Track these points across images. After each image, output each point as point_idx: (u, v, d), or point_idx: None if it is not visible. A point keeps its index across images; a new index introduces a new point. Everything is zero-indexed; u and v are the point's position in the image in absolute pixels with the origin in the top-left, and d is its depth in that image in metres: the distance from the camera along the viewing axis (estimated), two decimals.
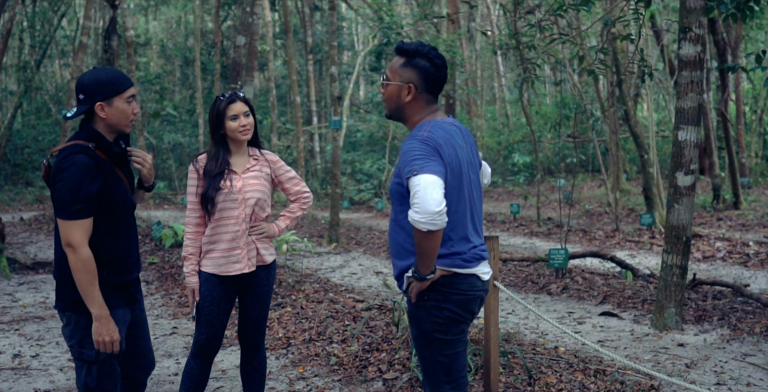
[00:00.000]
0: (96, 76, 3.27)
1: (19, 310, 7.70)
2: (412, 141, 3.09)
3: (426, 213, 2.88)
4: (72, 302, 3.27)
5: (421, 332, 3.19)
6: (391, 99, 3.28)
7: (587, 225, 14.28)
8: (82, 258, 3.15)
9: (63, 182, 3.13)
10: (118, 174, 3.34)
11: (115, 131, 3.35)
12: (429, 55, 3.20)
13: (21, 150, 26.10)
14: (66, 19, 30.42)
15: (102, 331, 3.20)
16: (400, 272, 3.24)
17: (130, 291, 3.44)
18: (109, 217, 3.29)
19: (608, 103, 13.98)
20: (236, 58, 11.55)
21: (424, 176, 2.93)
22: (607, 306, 7.43)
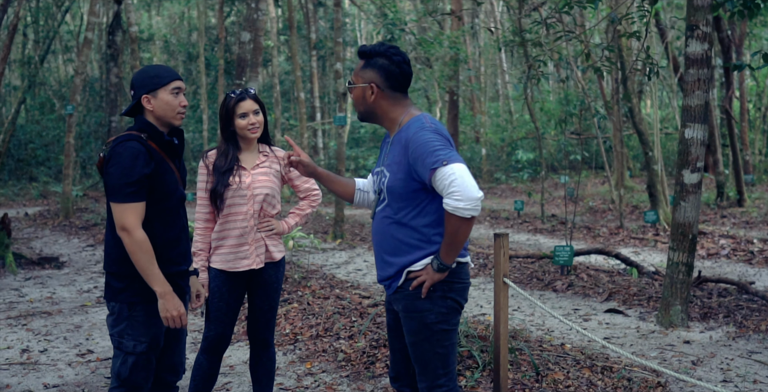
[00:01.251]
0: (143, 72, 3.39)
1: (26, 305, 7.73)
2: (423, 132, 3.11)
3: (470, 200, 2.96)
4: (117, 291, 3.33)
5: (424, 325, 3.19)
6: (358, 101, 3.33)
7: (591, 222, 14.29)
8: (137, 240, 3.20)
9: (115, 167, 3.22)
10: (168, 164, 3.40)
11: (165, 124, 3.41)
12: (387, 54, 3.25)
13: (25, 145, 26.11)
14: (70, 14, 30.41)
15: (168, 306, 3.26)
16: (399, 269, 3.24)
17: (178, 283, 3.46)
18: (158, 206, 3.34)
19: (612, 100, 13.98)
20: (241, 54, 11.55)
21: (455, 165, 2.99)
22: (613, 303, 7.44)
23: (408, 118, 3.26)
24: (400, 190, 3.19)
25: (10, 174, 25.23)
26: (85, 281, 9.08)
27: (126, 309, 3.32)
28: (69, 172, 15.12)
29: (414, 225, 3.19)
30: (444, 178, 2.99)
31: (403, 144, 3.17)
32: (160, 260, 3.33)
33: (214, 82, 26.67)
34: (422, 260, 3.19)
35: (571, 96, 21.56)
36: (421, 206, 3.18)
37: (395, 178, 3.19)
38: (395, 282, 3.26)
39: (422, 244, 3.19)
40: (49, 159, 25.55)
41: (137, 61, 18.74)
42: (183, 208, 3.53)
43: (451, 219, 3.03)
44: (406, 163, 3.14)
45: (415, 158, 3.08)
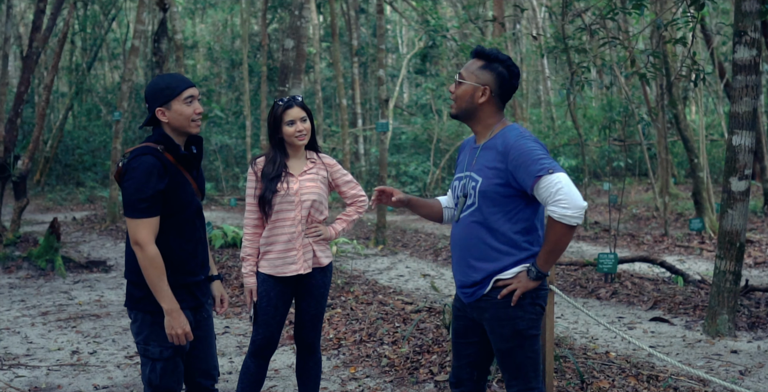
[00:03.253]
0: (153, 84, 3.40)
1: (75, 308, 7.88)
2: (525, 141, 3.17)
3: (576, 208, 3.03)
4: (137, 300, 3.39)
5: (516, 331, 3.22)
6: (463, 98, 3.33)
7: (635, 230, 14.15)
8: (149, 256, 3.25)
9: (130, 182, 3.26)
10: (185, 176, 3.44)
11: (182, 133, 3.44)
12: (506, 63, 3.30)
13: (72, 151, 26.58)
14: (116, 22, 30.92)
15: (174, 324, 3.30)
16: (486, 276, 3.25)
17: (195, 294, 3.50)
18: (174, 218, 3.38)
19: (657, 107, 13.84)
20: (284, 61, 11.66)
21: (561, 174, 3.06)
22: (658, 312, 7.38)
23: (501, 127, 3.31)
24: (493, 195, 3.22)
25: (57, 179, 25.70)
26: None
27: (148, 316, 3.38)
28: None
29: (504, 231, 3.22)
30: (550, 186, 3.05)
31: (499, 150, 3.21)
32: (178, 271, 3.39)
33: (256, 89, 26.88)
34: (511, 268, 3.21)
35: (614, 102, 21.38)
36: (513, 212, 3.21)
37: (489, 182, 3.22)
38: (481, 290, 3.27)
39: (512, 250, 3.22)
40: (96, 164, 25.96)
41: (182, 68, 18.99)
42: (200, 219, 3.56)
43: (555, 226, 3.09)
44: (504, 169, 3.18)
45: (517, 165, 3.13)
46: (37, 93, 25.12)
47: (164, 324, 3.33)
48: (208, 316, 3.64)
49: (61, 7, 12.96)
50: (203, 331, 3.60)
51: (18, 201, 11.85)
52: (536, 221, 3.25)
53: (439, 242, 12.45)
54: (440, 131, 22.50)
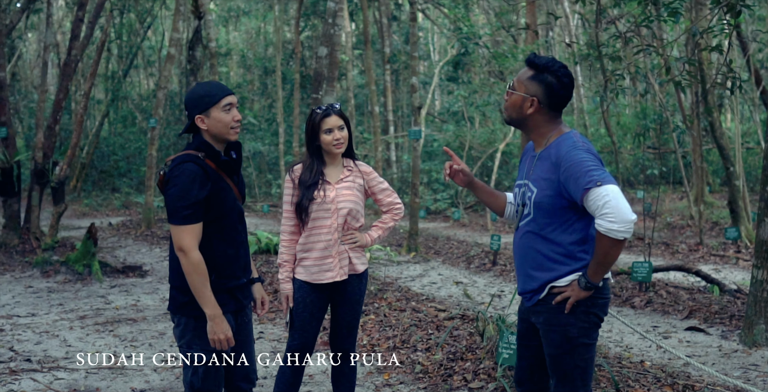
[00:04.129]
0: (192, 92, 3.47)
1: (112, 312, 7.99)
2: (576, 152, 3.14)
3: (623, 222, 3.01)
4: (181, 305, 3.45)
5: (567, 338, 3.23)
6: (513, 108, 3.35)
7: (669, 239, 14.04)
8: (193, 262, 3.31)
9: (174, 189, 3.32)
10: (226, 182, 3.49)
11: (221, 140, 3.50)
12: (558, 73, 3.25)
13: (108, 157, 26.95)
14: (151, 30, 31.31)
15: (216, 329, 3.35)
16: (542, 284, 3.28)
17: (237, 297, 3.55)
18: (217, 223, 3.44)
19: (692, 114, 13.74)
20: (318, 68, 11.73)
21: (610, 186, 3.03)
22: (693, 321, 7.32)
23: (557, 135, 3.29)
24: (547, 207, 3.22)
25: (93, 185, 26.06)
26: (167, 290, 9.32)
27: (192, 321, 3.43)
28: (151, 184, 15.55)
29: (559, 241, 3.23)
30: (598, 199, 3.03)
31: (552, 161, 3.20)
32: (221, 275, 3.44)
33: (289, 96, 27.07)
34: (567, 276, 3.23)
35: (648, 110, 21.24)
36: (568, 223, 3.22)
37: (543, 193, 3.22)
38: (537, 296, 3.31)
39: (567, 260, 3.23)
40: (131, 170, 26.29)
41: (216, 76, 19.16)
42: (242, 223, 3.61)
43: (603, 239, 3.07)
44: (557, 180, 3.17)
45: (567, 177, 3.12)
46: (74, 100, 25.52)
47: (207, 329, 3.38)
48: (248, 320, 3.69)
49: (99, 15, 13.17)
50: (243, 335, 3.66)
51: (56, 206, 12.05)
52: (592, 231, 3.22)
53: (472, 250, 12.45)
54: (472, 138, 22.48)
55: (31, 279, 9.88)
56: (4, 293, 9.00)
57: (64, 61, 12.90)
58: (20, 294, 8.97)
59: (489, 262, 11.16)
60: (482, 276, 10.35)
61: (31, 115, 26.39)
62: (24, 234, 12.16)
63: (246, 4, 33.41)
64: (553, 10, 25.34)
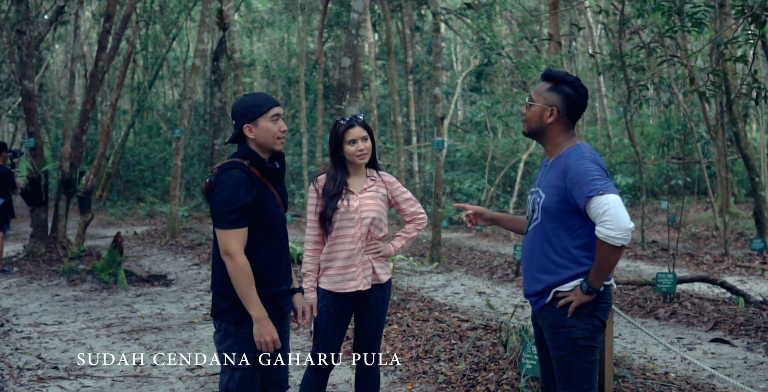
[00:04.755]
0: (241, 102, 3.57)
1: (137, 321, 8.07)
2: (583, 161, 3.34)
3: (621, 230, 3.17)
4: (222, 310, 3.52)
5: (570, 340, 3.38)
6: (534, 118, 3.55)
7: (694, 249, 13.94)
8: (239, 265, 3.39)
9: (220, 194, 3.41)
10: (270, 190, 3.58)
11: (267, 150, 3.59)
12: (574, 84, 3.50)
13: (133, 167, 27.19)
14: (177, 41, 31.61)
15: (263, 332, 3.43)
16: (546, 287, 3.44)
17: (278, 304, 3.61)
18: (260, 230, 3.52)
19: (717, 124, 13.67)
20: (341, 79, 11.82)
21: (611, 195, 3.21)
22: (718, 333, 7.27)
23: (569, 145, 3.49)
24: (554, 211, 3.41)
25: (119, 194, 26.30)
26: (192, 299, 9.41)
27: (232, 326, 3.50)
28: (175, 193, 15.67)
29: (564, 245, 3.40)
30: (598, 207, 3.20)
31: (561, 169, 3.40)
32: (262, 281, 3.49)
33: (312, 106, 27.19)
34: (570, 281, 3.39)
35: (672, 120, 21.13)
36: (573, 228, 3.39)
37: (551, 199, 3.41)
38: (542, 300, 3.47)
39: (571, 265, 3.39)
40: (156, 180, 26.50)
41: (240, 86, 19.34)
42: (284, 231, 3.69)
43: (602, 246, 3.24)
44: (563, 187, 3.36)
45: (573, 184, 3.31)
46: (101, 111, 25.80)
47: (253, 331, 3.44)
48: (287, 329, 3.75)
49: (125, 27, 13.34)
50: (282, 342, 3.70)
51: (83, 215, 12.18)
52: (594, 239, 3.37)
53: (494, 260, 12.43)
54: (495, 149, 22.47)
55: (58, 288, 10.00)
56: (31, 301, 9.11)
57: (90, 72, 13.07)
58: (47, 302, 9.08)
59: (512, 272, 11.15)
60: (505, 287, 10.34)
61: (58, 126, 26.70)
62: (51, 243, 12.31)
63: (270, 16, 33.65)
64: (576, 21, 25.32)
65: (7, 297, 9.37)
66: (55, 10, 14.72)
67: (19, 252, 12.72)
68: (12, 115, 22.41)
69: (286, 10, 30.48)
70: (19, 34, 11.92)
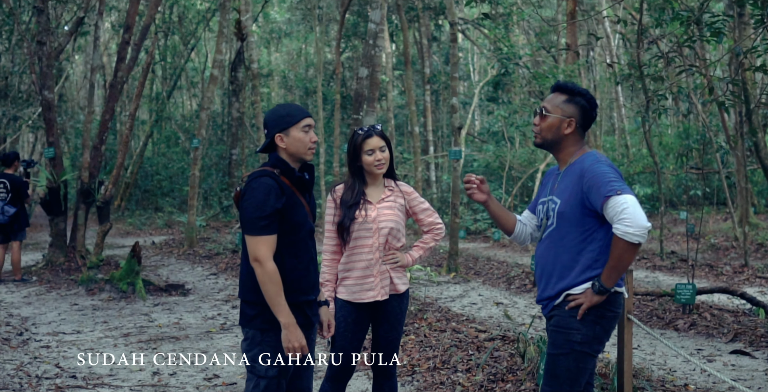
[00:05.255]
0: (274, 111, 3.62)
1: (155, 330, 8.09)
2: (599, 165, 3.42)
3: (640, 227, 3.21)
4: (249, 318, 3.54)
5: (567, 341, 3.42)
6: (550, 130, 3.62)
7: (713, 260, 13.83)
8: (268, 272, 3.41)
9: (251, 201, 3.45)
10: (299, 199, 3.61)
11: (297, 160, 3.62)
12: (587, 96, 3.60)
13: (151, 176, 27.33)
14: (195, 51, 31.80)
15: (291, 338, 3.44)
16: (559, 291, 3.49)
17: (305, 313, 3.62)
18: (288, 238, 3.55)
19: (736, 134, 13.58)
20: (358, 89, 11.84)
21: (629, 196, 3.27)
22: (739, 345, 7.20)
23: (581, 153, 3.59)
24: (569, 215, 3.47)
25: (137, 204, 26.44)
26: (210, 308, 9.42)
27: (259, 334, 3.50)
28: (193, 203, 15.73)
29: (578, 250, 3.46)
30: (617, 206, 3.25)
31: (577, 174, 3.47)
32: (290, 290, 3.50)
33: (330, 116, 27.29)
34: (582, 284, 3.43)
35: (691, 130, 21.02)
36: (587, 232, 3.44)
37: (567, 204, 3.48)
38: (552, 302, 3.52)
39: (584, 269, 3.44)
40: (174, 190, 26.62)
41: (257, 97, 19.41)
42: (312, 240, 3.71)
43: (618, 243, 3.27)
44: (579, 190, 3.43)
45: (590, 186, 3.37)
46: (120, 121, 25.98)
47: (281, 338, 3.45)
48: (313, 338, 3.76)
49: (144, 38, 13.44)
50: None
51: (101, 225, 12.25)
52: (610, 241, 3.40)
53: (512, 270, 12.38)
54: (512, 159, 22.42)
55: (76, 297, 10.05)
56: (50, 310, 9.16)
57: (110, 82, 13.17)
58: (66, 311, 9.12)
59: (529, 283, 11.10)
60: (523, 297, 10.30)
61: (77, 136, 26.92)
62: (70, 252, 12.39)
63: (288, 26, 33.81)
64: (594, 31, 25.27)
65: (26, 306, 9.43)
66: (75, 21, 14.86)
67: (39, 261, 12.81)
68: (32, 125, 22.60)
69: (303, 20, 30.61)
70: (40, 44, 12.03)
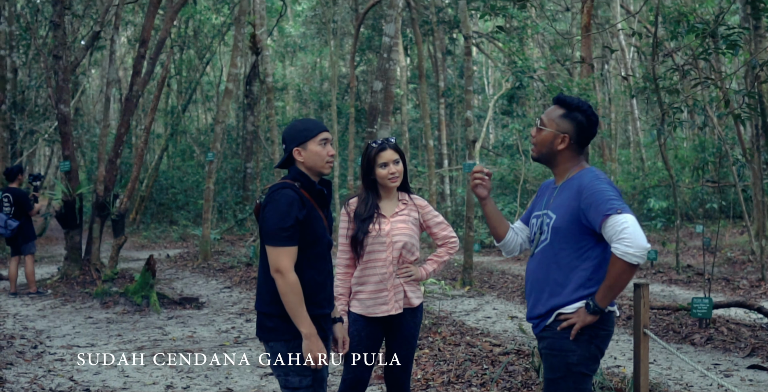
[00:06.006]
0: (292, 126, 3.64)
1: (169, 343, 8.08)
2: (598, 182, 3.32)
3: (639, 248, 3.12)
4: (268, 330, 3.53)
5: (565, 363, 3.31)
6: (544, 144, 3.53)
7: (730, 274, 13.72)
8: (290, 283, 3.40)
9: (272, 212, 3.45)
10: (318, 212, 3.61)
11: (316, 173, 3.63)
12: (587, 112, 3.47)
13: (166, 190, 27.42)
14: (210, 65, 31.97)
15: (312, 348, 3.43)
16: (550, 309, 3.38)
17: (322, 326, 3.61)
18: (308, 250, 3.54)
19: (753, 148, 13.50)
20: (373, 102, 11.87)
21: (628, 215, 3.17)
22: (756, 359, 7.13)
23: (579, 169, 3.48)
24: (565, 231, 3.37)
25: (152, 217, 26.51)
26: (224, 321, 9.42)
27: (284, 346, 3.49)
28: (208, 216, 15.75)
29: (573, 267, 3.36)
30: (617, 225, 3.16)
31: (575, 190, 3.37)
32: (307, 302, 3.49)
33: (344, 130, 27.30)
34: (574, 303, 3.33)
35: (707, 143, 20.91)
36: (582, 250, 3.35)
37: (563, 219, 3.38)
38: (543, 322, 3.41)
39: (577, 287, 3.34)
40: (188, 203, 26.69)
41: (272, 110, 19.46)
42: (330, 254, 3.70)
43: (617, 263, 3.17)
44: (577, 207, 3.33)
45: (589, 204, 3.28)
46: (135, 134, 26.12)
47: (302, 348, 3.44)
48: (327, 349, 3.72)
49: (160, 52, 13.52)
50: None
51: (116, 238, 12.29)
52: (605, 260, 3.35)
53: None
54: (527, 172, 22.37)
55: (91, 310, 10.07)
56: (64, 323, 9.18)
57: (125, 96, 13.25)
58: (80, 324, 9.14)
59: None
60: None
61: (93, 149, 27.06)
62: (85, 265, 12.42)
63: (302, 40, 33.94)
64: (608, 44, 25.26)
65: (41, 319, 9.46)
66: (92, 36, 14.98)
67: (54, 274, 12.85)
68: (49, 138, 22.76)
69: (318, 34, 30.74)
70: (56, 59, 12.13)
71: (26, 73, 21.68)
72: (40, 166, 34.13)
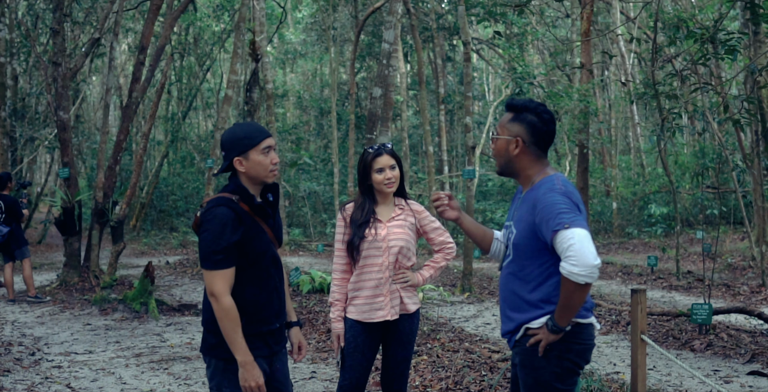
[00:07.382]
0: (231, 133, 3.41)
1: (167, 350, 8.06)
2: (551, 194, 3.15)
3: (585, 266, 2.96)
4: (211, 346, 3.39)
5: (538, 381, 3.21)
6: (500, 153, 3.39)
7: (730, 280, 13.69)
8: (224, 307, 3.24)
9: (205, 234, 3.27)
10: (260, 226, 3.42)
11: (259, 183, 3.44)
12: (537, 111, 3.30)
13: (166, 197, 27.42)
14: (210, 72, 32.01)
15: (247, 377, 3.27)
16: (518, 325, 3.28)
17: (268, 343, 3.46)
18: (249, 268, 3.38)
19: (753, 153, 13.49)
20: (372, 109, 11.86)
21: (577, 230, 3.00)
22: (756, 365, 7.09)
23: (541, 177, 3.31)
24: (524, 248, 3.24)
25: (152, 224, 26.51)
26: None
27: (222, 363, 3.36)
28: None
29: (537, 284, 3.23)
30: (564, 241, 3.02)
31: (531, 203, 3.22)
32: (252, 320, 3.36)
33: (344, 136, 27.33)
34: (541, 318, 3.21)
35: (707, 149, 20.92)
36: (544, 266, 3.21)
37: (521, 235, 3.25)
38: (514, 337, 3.31)
39: (542, 303, 3.22)
40: (189, 210, 26.69)
41: (272, 117, 19.48)
42: (276, 268, 3.52)
43: (565, 282, 3.04)
44: (533, 222, 3.19)
45: (541, 219, 3.12)
46: (135, 141, 26.14)
47: (239, 376, 3.29)
48: (283, 365, 3.60)
49: (159, 59, 13.53)
50: (279, 381, 3.56)
51: (115, 245, 12.28)
52: None
53: None
54: None
55: (89, 317, 10.04)
56: (63, 330, 9.16)
57: (125, 103, 13.26)
58: (78, 331, 9.12)
59: None
60: None
61: (93, 156, 27.08)
62: (83, 272, 12.40)
63: (302, 47, 33.99)
64: (608, 49, 25.27)
65: (39, 326, 9.44)
66: (91, 43, 14.99)
67: (53, 281, 12.84)
68: (49, 145, 22.77)
69: (318, 41, 30.77)
70: (55, 65, 12.13)
71: (27, 81, 21.70)
72: (41, 173, 34.15)
